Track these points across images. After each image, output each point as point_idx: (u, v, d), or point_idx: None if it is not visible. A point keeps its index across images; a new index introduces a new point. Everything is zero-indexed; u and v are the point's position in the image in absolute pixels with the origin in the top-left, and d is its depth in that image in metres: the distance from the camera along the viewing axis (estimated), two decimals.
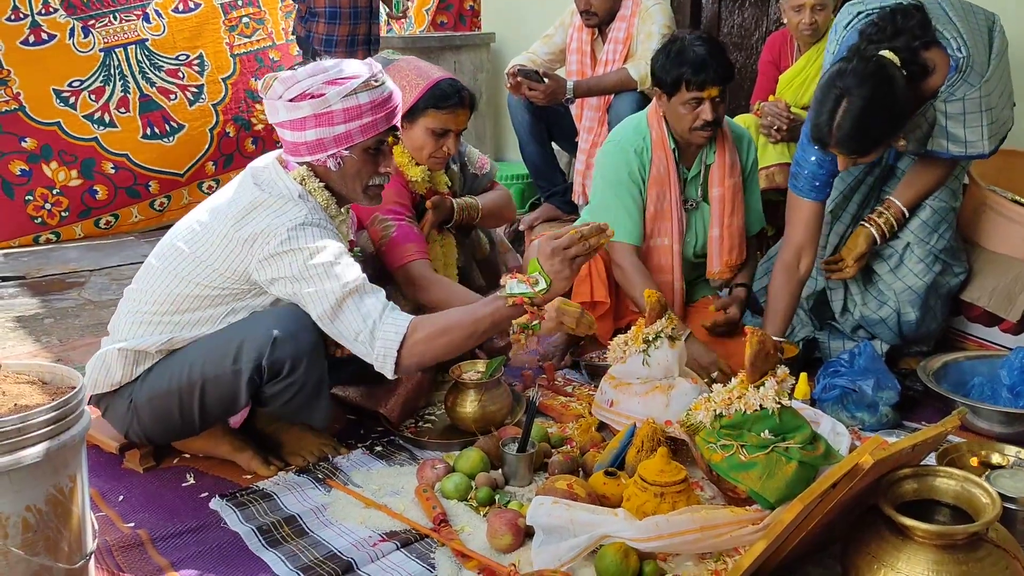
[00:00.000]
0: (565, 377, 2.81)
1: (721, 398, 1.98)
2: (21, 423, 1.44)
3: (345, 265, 2.00)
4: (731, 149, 2.75)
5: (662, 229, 2.74)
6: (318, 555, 1.86)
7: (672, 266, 2.75)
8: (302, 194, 2.06)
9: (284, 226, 1.97)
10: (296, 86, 2.00)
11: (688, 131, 2.62)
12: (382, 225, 2.48)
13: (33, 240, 4.46)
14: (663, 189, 2.69)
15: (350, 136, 2.04)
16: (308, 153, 2.06)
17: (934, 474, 1.69)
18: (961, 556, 1.54)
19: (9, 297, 3.69)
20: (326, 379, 2.13)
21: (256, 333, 2.01)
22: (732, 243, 2.77)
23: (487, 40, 5.20)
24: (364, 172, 2.10)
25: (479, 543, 1.88)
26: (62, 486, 1.52)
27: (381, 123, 2.06)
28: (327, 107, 2.00)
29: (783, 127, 3.20)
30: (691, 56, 2.54)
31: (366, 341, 1.97)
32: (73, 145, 4.53)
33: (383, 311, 1.99)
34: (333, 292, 1.97)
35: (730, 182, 2.74)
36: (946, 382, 2.53)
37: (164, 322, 2.09)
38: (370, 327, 1.97)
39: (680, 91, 2.57)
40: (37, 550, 1.48)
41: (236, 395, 2.06)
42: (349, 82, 2.00)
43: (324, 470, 2.22)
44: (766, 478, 1.87)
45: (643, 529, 1.74)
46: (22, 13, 4.43)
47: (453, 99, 2.49)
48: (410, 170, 2.56)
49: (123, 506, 2.09)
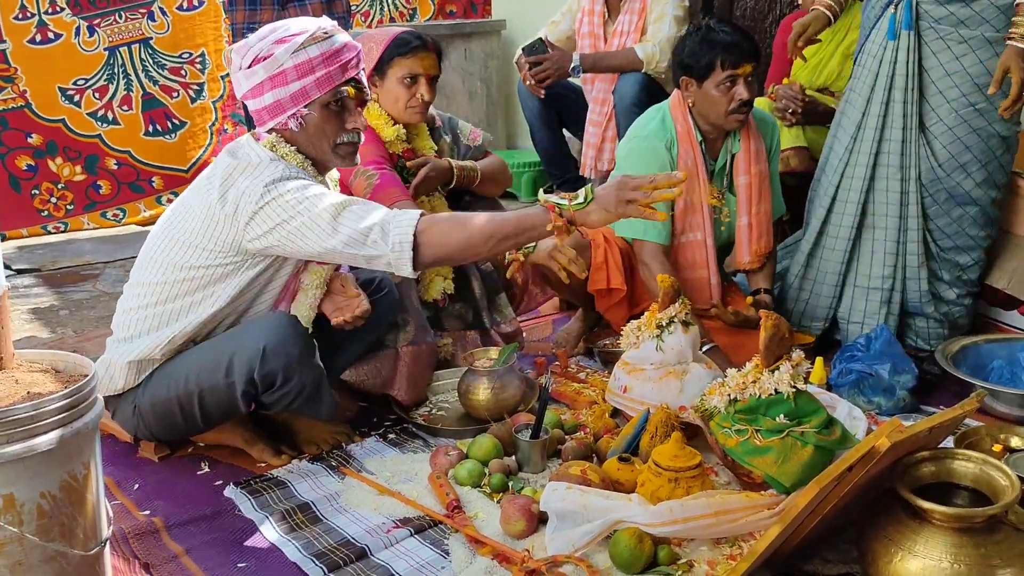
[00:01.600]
0: (578, 364, 2.80)
1: (735, 383, 1.97)
2: (34, 410, 1.45)
3: (334, 194, 1.98)
4: (755, 136, 2.70)
5: (693, 224, 2.69)
6: (332, 542, 1.86)
7: (707, 261, 2.71)
8: (274, 159, 2.02)
9: (261, 183, 1.93)
10: (248, 53, 1.99)
11: (724, 115, 2.57)
12: (365, 175, 2.50)
13: (42, 229, 4.51)
14: (691, 183, 2.63)
15: (306, 92, 1.99)
16: (270, 117, 2.02)
17: (952, 456, 1.67)
18: (980, 539, 1.52)
19: (24, 289, 3.71)
20: (324, 378, 2.11)
21: (245, 346, 1.98)
22: (761, 231, 2.74)
23: (497, 27, 5.17)
24: (329, 129, 2.04)
25: (493, 529, 1.87)
26: (76, 473, 1.52)
27: (336, 75, 2.00)
28: (279, 66, 1.96)
29: (797, 110, 3.16)
30: (721, 37, 2.53)
31: (378, 238, 1.89)
32: (77, 141, 4.60)
33: (389, 211, 1.94)
34: (326, 210, 1.90)
35: (756, 169, 2.69)
36: (964, 366, 2.51)
37: (160, 312, 2.07)
38: (379, 222, 1.89)
39: (715, 72, 2.53)
40: (52, 536, 1.48)
41: (234, 405, 2.05)
42: (296, 37, 1.97)
43: (338, 458, 2.22)
44: (781, 463, 1.86)
45: (657, 514, 1.73)
46: (29, 12, 4.46)
47: (414, 43, 2.55)
48: (385, 130, 2.59)
49: (138, 494, 2.10)
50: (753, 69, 2.54)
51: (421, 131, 2.72)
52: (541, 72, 3.60)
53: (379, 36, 2.61)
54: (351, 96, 2.05)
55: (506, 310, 2.80)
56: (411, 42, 2.56)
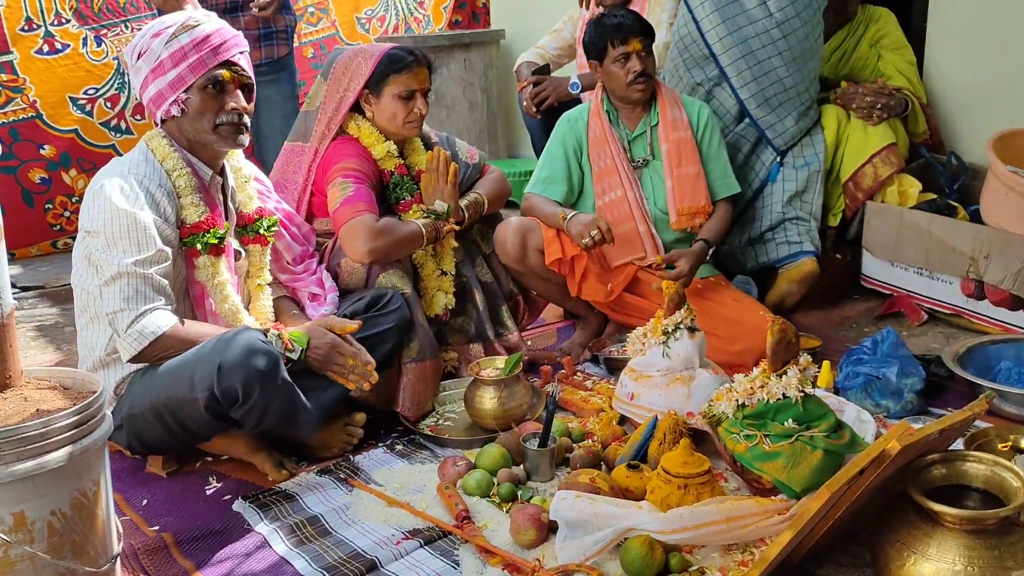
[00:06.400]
0: (584, 371, 2.80)
1: (743, 388, 1.96)
2: (44, 428, 1.45)
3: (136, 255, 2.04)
4: (674, 107, 2.89)
5: (611, 184, 2.87)
6: (342, 554, 1.86)
7: (631, 213, 2.85)
8: (141, 154, 2.15)
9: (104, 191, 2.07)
10: (133, 51, 2.14)
11: (626, 87, 2.80)
12: (341, 186, 2.52)
13: (51, 246, 4.51)
14: (602, 148, 2.87)
15: (182, 79, 2.12)
16: (156, 107, 2.16)
17: (963, 459, 1.67)
18: (992, 541, 1.51)
19: (29, 307, 3.72)
20: (296, 396, 2.07)
21: (204, 362, 1.98)
22: (683, 192, 2.85)
23: (496, 37, 5.18)
24: (208, 111, 2.15)
25: (503, 539, 1.87)
26: (86, 490, 1.52)
27: (208, 58, 2.13)
28: (157, 58, 2.11)
29: (889, 103, 3.18)
30: (610, 20, 2.81)
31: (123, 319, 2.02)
32: (92, 152, 4.59)
33: (151, 305, 2.03)
34: (114, 262, 2.03)
35: (675, 136, 2.86)
36: (972, 367, 2.50)
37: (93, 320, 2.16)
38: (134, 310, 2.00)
39: (608, 51, 2.80)
40: (63, 554, 1.48)
41: (206, 419, 2.04)
42: (168, 29, 2.11)
43: (346, 470, 2.22)
44: (791, 467, 1.85)
45: (668, 521, 1.73)
46: (35, 23, 4.48)
47: (408, 59, 2.59)
48: (376, 147, 2.61)
49: (147, 510, 2.10)
50: (643, 45, 2.79)
51: (416, 146, 2.73)
52: (540, 93, 3.67)
53: (367, 53, 2.62)
54: (227, 79, 2.16)
55: (508, 321, 2.81)
56: (405, 58, 2.58)
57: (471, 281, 2.74)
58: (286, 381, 2.04)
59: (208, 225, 2.16)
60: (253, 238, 2.33)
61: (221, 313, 2.21)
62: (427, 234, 2.55)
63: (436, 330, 2.63)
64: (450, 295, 2.67)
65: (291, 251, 2.46)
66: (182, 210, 2.15)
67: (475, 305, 2.73)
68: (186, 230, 2.15)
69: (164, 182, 2.12)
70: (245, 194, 2.33)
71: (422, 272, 2.64)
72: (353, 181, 2.51)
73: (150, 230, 2.04)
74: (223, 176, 2.29)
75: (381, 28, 5.24)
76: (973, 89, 3.44)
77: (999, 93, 3.36)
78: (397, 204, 2.64)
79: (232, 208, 2.32)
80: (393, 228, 2.49)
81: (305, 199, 2.65)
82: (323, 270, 2.53)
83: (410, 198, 2.63)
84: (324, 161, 2.61)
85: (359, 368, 2.20)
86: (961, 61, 3.48)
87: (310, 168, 2.64)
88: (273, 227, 2.36)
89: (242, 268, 2.33)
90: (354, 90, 2.60)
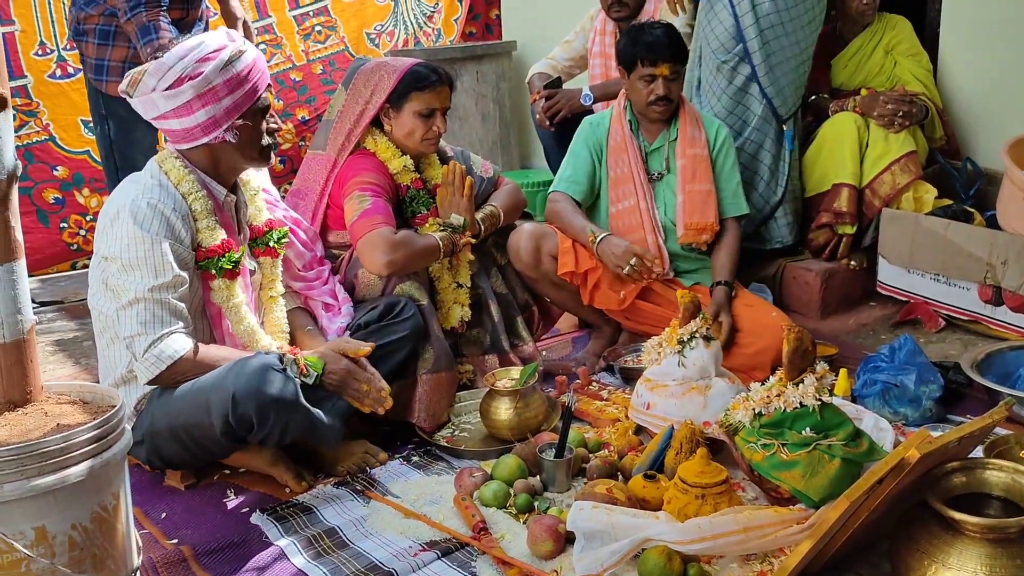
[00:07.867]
0: (600, 381, 2.80)
1: (760, 397, 1.96)
2: (64, 443, 1.46)
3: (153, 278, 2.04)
4: (693, 125, 2.90)
5: (625, 192, 2.89)
6: (360, 566, 1.86)
7: (642, 223, 2.86)
8: (154, 177, 2.11)
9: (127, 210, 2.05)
10: (169, 73, 2.04)
11: (645, 106, 2.83)
12: (359, 199, 2.52)
13: (71, 267, 4.55)
14: (620, 156, 2.90)
15: (239, 106, 2.11)
16: (204, 134, 2.11)
17: (983, 466, 1.66)
18: (1015, 550, 1.50)
19: (48, 321, 3.75)
20: (311, 415, 2.07)
21: (218, 389, 1.99)
22: (693, 208, 2.85)
23: (508, 48, 5.20)
24: (259, 136, 2.17)
25: (520, 550, 1.86)
26: (106, 504, 1.53)
27: (261, 84, 2.15)
28: (209, 84, 2.05)
29: (911, 110, 3.19)
30: (645, 37, 2.78)
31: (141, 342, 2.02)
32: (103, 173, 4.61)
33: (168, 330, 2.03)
34: (133, 284, 2.03)
35: (691, 152, 2.87)
36: (990, 374, 2.48)
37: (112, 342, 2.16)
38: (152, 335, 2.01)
39: (636, 68, 2.80)
40: (84, 567, 1.49)
41: (223, 442, 2.06)
42: (220, 54, 2.07)
43: (362, 482, 2.22)
44: (809, 476, 1.84)
45: (686, 531, 1.72)
46: (48, 48, 4.54)
47: (432, 78, 2.58)
48: (393, 162, 2.62)
49: (166, 523, 2.11)
50: (672, 70, 2.77)
51: (431, 161, 2.74)
52: (553, 106, 3.69)
53: (391, 67, 2.61)
54: (270, 103, 2.21)
55: (523, 332, 2.81)
56: (429, 76, 2.57)
57: (486, 293, 2.74)
58: (302, 405, 2.05)
59: (223, 249, 2.15)
60: (264, 250, 2.34)
61: (237, 334, 2.22)
62: (444, 247, 2.56)
63: (452, 342, 2.63)
64: (466, 308, 2.67)
65: (301, 258, 2.47)
66: (198, 233, 2.13)
67: (490, 317, 2.74)
68: (201, 253, 2.14)
69: (179, 205, 2.10)
70: (254, 206, 2.33)
71: (438, 285, 2.65)
72: (371, 194, 2.52)
73: (167, 256, 2.04)
74: (236, 193, 2.30)
75: (391, 43, 5.26)
76: (988, 94, 3.44)
77: (1014, 98, 3.36)
78: (413, 218, 2.65)
79: (244, 223, 2.33)
80: (411, 240, 2.50)
81: (321, 209, 2.67)
82: (336, 281, 2.54)
83: (426, 212, 2.64)
84: (341, 175, 2.62)
85: (373, 393, 2.21)
86: (975, 67, 3.48)
87: (327, 179, 2.65)
88: (283, 238, 2.36)
89: (256, 282, 2.35)
90: (376, 103, 2.60)
